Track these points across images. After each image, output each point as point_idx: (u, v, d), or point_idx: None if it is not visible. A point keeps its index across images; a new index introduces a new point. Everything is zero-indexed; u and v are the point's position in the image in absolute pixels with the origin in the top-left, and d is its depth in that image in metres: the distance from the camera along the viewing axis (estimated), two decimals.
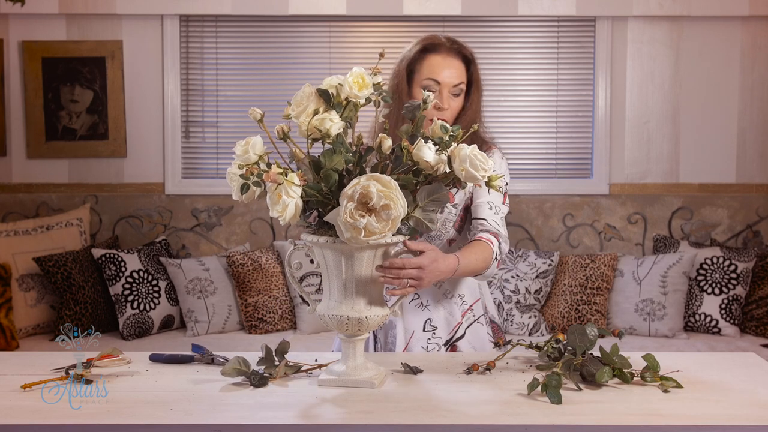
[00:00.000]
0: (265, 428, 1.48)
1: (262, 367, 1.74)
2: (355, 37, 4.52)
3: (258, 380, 1.68)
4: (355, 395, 1.63)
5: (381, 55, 1.75)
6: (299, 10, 4.38)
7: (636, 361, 1.74)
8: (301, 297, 2.22)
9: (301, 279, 4.05)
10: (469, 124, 2.05)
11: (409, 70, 2.14)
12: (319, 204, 1.64)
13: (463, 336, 2.16)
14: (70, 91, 4.46)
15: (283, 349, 1.78)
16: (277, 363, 1.75)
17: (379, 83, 1.73)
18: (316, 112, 1.67)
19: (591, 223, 4.52)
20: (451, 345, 2.15)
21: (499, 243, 2.09)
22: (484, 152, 1.77)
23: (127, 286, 4.04)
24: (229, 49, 4.53)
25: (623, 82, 4.48)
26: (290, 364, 1.76)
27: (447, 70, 2.08)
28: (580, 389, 1.66)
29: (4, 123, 4.45)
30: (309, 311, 1.77)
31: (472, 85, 2.16)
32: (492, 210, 2.12)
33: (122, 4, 4.37)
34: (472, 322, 2.17)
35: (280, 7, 4.38)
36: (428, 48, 2.13)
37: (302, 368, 1.77)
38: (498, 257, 2.08)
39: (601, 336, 1.83)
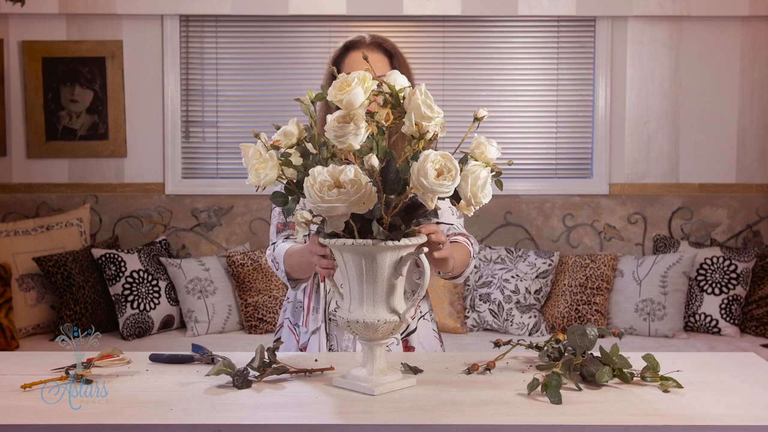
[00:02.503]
0: (265, 428, 1.48)
1: (247, 368, 1.72)
2: None
3: (241, 382, 1.68)
4: (355, 395, 1.63)
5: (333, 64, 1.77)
6: (299, 10, 4.38)
7: (636, 361, 1.74)
8: (318, 284, 2.23)
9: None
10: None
11: (336, 69, 2.19)
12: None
13: (414, 330, 2.21)
14: (70, 91, 4.46)
15: (275, 349, 1.78)
16: (267, 360, 1.74)
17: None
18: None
19: (591, 223, 4.52)
20: (403, 339, 2.19)
21: (472, 244, 2.17)
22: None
23: (127, 286, 4.04)
24: (229, 49, 4.53)
25: (623, 82, 4.48)
26: (277, 365, 1.75)
27: (369, 63, 2.12)
28: (580, 389, 1.65)
29: (4, 123, 4.45)
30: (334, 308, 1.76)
31: None
32: (455, 215, 2.22)
33: (122, 4, 4.37)
34: (419, 318, 2.24)
35: (280, 7, 4.38)
36: (350, 46, 2.21)
37: (290, 370, 1.76)
38: (474, 257, 2.15)
39: (601, 336, 1.83)
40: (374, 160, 1.54)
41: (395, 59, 2.21)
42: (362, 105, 1.60)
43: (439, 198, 1.59)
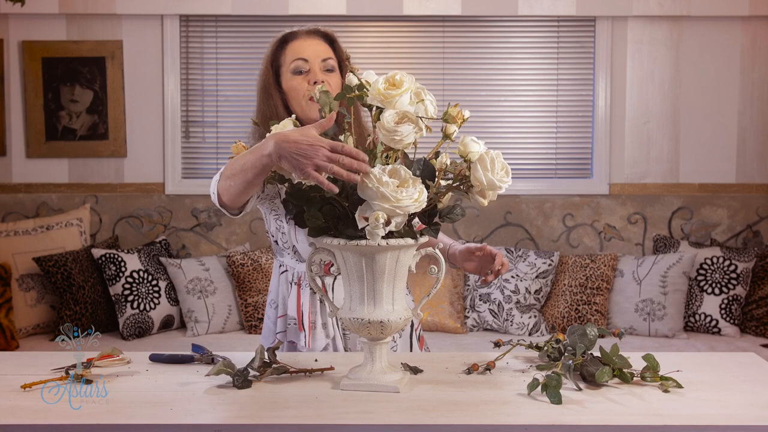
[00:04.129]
0: (265, 428, 1.48)
1: (247, 368, 1.72)
2: (355, 37, 4.52)
3: (241, 382, 1.68)
4: (355, 395, 1.63)
5: (347, 58, 1.76)
6: (299, 10, 4.38)
7: (636, 361, 1.74)
8: (322, 300, 2.16)
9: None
10: None
11: (275, 65, 2.13)
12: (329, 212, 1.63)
13: None
14: (70, 91, 4.46)
15: (275, 349, 1.78)
16: (267, 360, 1.74)
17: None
18: None
19: (591, 223, 4.52)
20: None
21: None
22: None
23: (127, 286, 4.04)
24: (229, 49, 4.53)
25: (623, 82, 4.48)
26: (277, 365, 1.75)
27: (311, 47, 2.08)
28: (580, 389, 1.65)
29: (4, 123, 4.45)
30: (329, 315, 1.76)
31: (342, 64, 2.13)
32: None
33: (122, 4, 4.37)
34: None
35: (280, 7, 4.38)
36: (287, 38, 2.13)
37: (290, 370, 1.76)
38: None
39: (601, 336, 1.83)
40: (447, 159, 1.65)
41: (337, 45, 2.14)
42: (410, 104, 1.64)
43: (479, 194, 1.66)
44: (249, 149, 1.77)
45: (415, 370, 1.78)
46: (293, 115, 1.76)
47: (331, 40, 2.15)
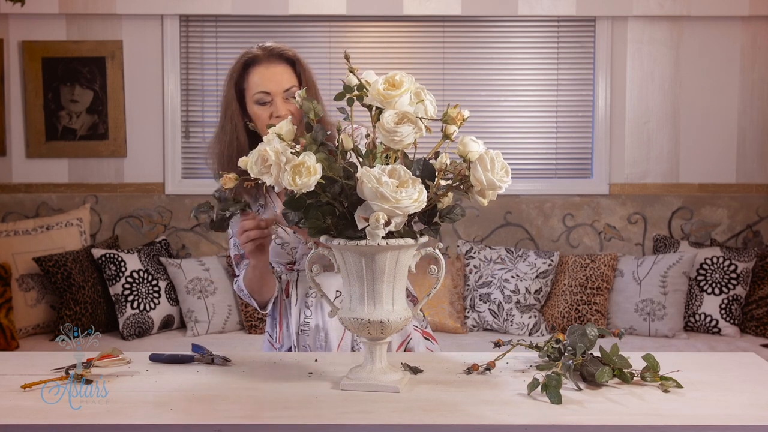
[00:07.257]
0: (265, 428, 1.48)
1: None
2: (355, 37, 4.52)
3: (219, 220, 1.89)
4: (355, 395, 1.63)
5: (347, 57, 1.75)
6: (299, 10, 4.38)
7: (636, 361, 1.74)
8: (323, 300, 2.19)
9: None
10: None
11: (239, 90, 2.12)
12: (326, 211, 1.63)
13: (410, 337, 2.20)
14: (70, 91, 4.46)
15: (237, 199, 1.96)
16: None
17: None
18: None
19: (591, 223, 4.52)
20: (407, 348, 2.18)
21: None
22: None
23: (127, 286, 4.04)
24: (229, 49, 4.53)
25: (623, 82, 4.48)
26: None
27: (273, 79, 2.07)
28: (580, 389, 1.66)
29: (4, 123, 4.45)
30: (329, 315, 1.76)
31: (302, 84, 2.11)
32: None
33: (122, 4, 4.37)
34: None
35: (280, 7, 4.38)
36: (248, 63, 2.12)
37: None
38: None
39: (601, 336, 1.83)
40: (446, 158, 1.65)
41: (297, 65, 2.11)
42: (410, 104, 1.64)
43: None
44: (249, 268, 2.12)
45: (415, 370, 1.78)
46: (289, 117, 1.75)
47: (292, 62, 2.12)
